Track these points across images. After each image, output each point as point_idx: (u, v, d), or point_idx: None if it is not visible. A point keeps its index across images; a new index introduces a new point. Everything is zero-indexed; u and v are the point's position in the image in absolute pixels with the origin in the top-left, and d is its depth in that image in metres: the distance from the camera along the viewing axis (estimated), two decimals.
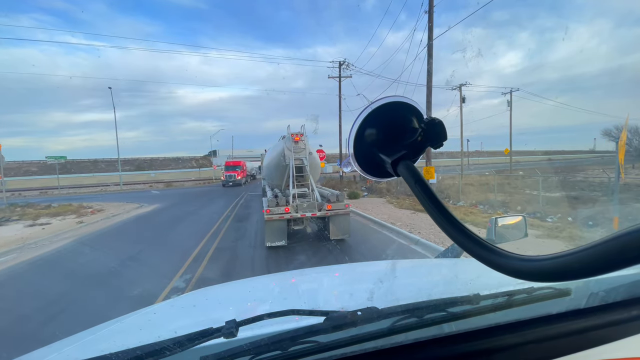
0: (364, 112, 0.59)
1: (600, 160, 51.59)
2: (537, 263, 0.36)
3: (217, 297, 1.58)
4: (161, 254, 7.48)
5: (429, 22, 12.10)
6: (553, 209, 10.19)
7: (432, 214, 0.50)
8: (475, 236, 0.44)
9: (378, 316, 0.83)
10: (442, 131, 0.57)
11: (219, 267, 6.12)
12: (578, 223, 8.48)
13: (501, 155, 40.77)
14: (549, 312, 0.88)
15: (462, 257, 1.90)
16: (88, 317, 4.13)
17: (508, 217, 1.90)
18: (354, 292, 1.53)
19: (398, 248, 7.13)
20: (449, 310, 0.88)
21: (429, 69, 12.05)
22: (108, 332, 1.16)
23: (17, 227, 11.43)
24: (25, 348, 1.11)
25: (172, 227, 11.00)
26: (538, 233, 7.50)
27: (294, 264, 6.13)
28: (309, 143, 8.60)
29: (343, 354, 0.76)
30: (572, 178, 19.49)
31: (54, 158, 31.47)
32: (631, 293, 0.92)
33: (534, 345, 0.80)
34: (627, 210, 7.61)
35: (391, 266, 1.89)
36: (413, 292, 1.37)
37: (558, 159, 67.33)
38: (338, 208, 7.38)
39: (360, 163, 0.63)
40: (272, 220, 7.02)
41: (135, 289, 5.10)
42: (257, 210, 12.81)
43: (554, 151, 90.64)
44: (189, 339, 0.76)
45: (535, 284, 0.96)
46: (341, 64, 24.76)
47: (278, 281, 1.88)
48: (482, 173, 28.57)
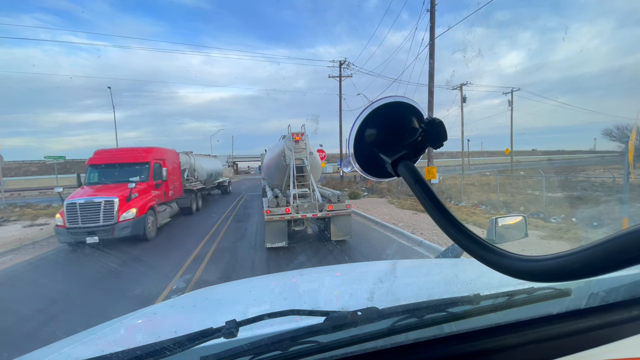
0: (364, 112, 0.59)
1: (601, 160, 51.54)
2: (537, 263, 0.36)
3: (217, 297, 1.58)
4: (164, 254, 7.37)
5: (430, 21, 12.05)
6: (556, 209, 10.16)
7: (433, 214, 0.50)
8: (476, 236, 0.44)
9: (378, 316, 0.83)
10: (443, 131, 0.57)
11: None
12: (583, 224, 8.45)
13: (501, 155, 40.74)
14: (550, 312, 0.88)
15: (462, 257, 1.90)
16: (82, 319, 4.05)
17: (508, 217, 1.89)
18: (354, 292, 1.53)
19: (400, 249, 7.10)
20: (449, 310, 0.88)
21: (430, 69, 12.03)
22: (108, 332, 1.16)
23: (15, 227, 11.44)
24: (26, 348, 1.11)
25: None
26: (543, 234, 7.47)
27: (294, 265, 6.13)
28: (310, 143, 8.59)
29: (343, 354, 0.76)
30: (573, 178, 19.45)
31: (53, 158, 31.26)
32: (632, 293, 0.92)
33: (534, 345, 0.80)
34: (632, 211, 7.57)
35: (391, 266, 1.89)
36: (413, 292, 1.37)
37: (558, 159, 67.31)
38: (339, 209, 7.34)
39: (361, 163, 0.63)
40: (272, 221, 6.98)
41: (137, 288, 5.12)
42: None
43: (554, 151, 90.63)
44: (189, 339, 0.77)
45: (535, 284, 0.95)
46: (341, 63, 24.74)
47: (278, 281, 1.88)
48: (482, 173, 28.51)
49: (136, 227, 8.10)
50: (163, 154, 10.63)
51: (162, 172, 9.86)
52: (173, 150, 12.13)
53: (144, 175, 9.34)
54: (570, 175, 22.21)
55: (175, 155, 12.12)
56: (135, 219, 8.07)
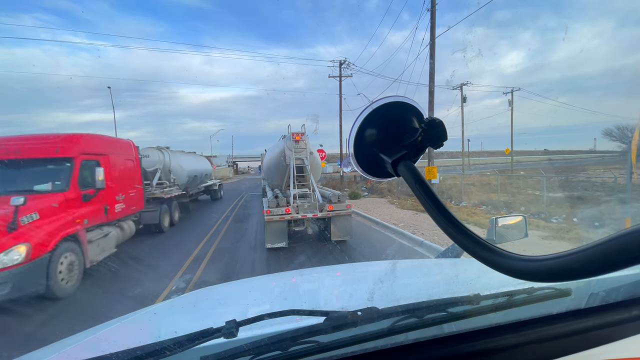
0: (364, 112, 0.59)
1: (601, 160, 51.51)
2: (537, 263, 0.36)
3: (217, 297, 1.58)
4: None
5: (431, 20, 12.04)
6: (557, 209, 10.16)
7: (433, 214, 0.50)
8: (476, 236, 0.44)
9: (378, 316, 0.83)
10: (443, 131, 0.57)
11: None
12: (584, 224, 8.44)
13: (501, 155, 40.75)
14: (550, 312, 0.88)
15: (462, 257, 1.90)
16: None
17: (508, 217, 1.90)
18: (354, 292, 1.53)
19: (401, 250, 7.10)
20: (449, 310, 0.88)
21: (430, 69, 12.01)
22: (108, 332, 1.16)
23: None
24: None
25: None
26: (544, 234, 7.47)
27: (294, 265, 6.13)
28: (310, 143, 8.58)
29: (343, 354, 0.76)
30: (574, 178, 19.45)
31: None
32: (632, 293, 0.92)
33: (534, 345, 0.80)
34: (634, 211, 7.56)
35: (391, 266, 1.89)
36: (413, 292, 1.37)
37: (558, 159, 67.29)
38: (340, 209, 7.33)
39: (361, 163, 0.63)
40: (272, 222, 6.96)
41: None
42: None
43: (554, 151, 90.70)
44: (189, 339, 0.77)
45: (535, 284, 0.95)
46: (341, 63, 24.74)
47: (278, 281, 1.88)
48: (483, 173, 28.48)
49: (28, 280, 4.36)
50: (102, 147, 6.77)
51: (96, 175, 5.93)
52: (127, 142, 8.22)
53: (60, 181, 5.52)
54: (571, 175, 22.21)
55: (129, 149, 8.11)
56: (26, 264, 4.34)
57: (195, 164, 14.35)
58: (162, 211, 9.39)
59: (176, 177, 11.72)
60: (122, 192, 7.26)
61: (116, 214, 6.92)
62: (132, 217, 7.88)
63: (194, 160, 14.70)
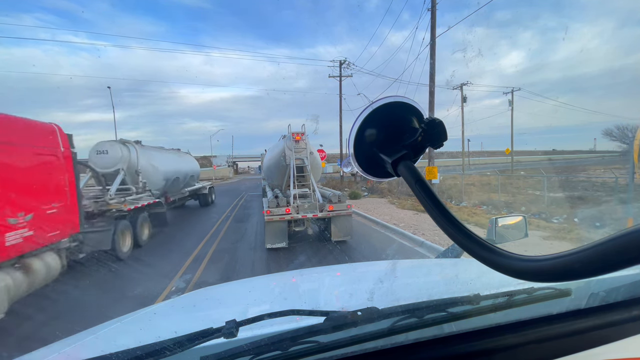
0: (364, 112, 0.59)
1: (601, 160, 51.50)
2: (537, 263, 0.36)
3: (217, 297, 1.58)
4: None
5: (431, 20, 12.04)
6: (558, 209, 10.16)
7: (433, 214, 0.50)
8: (476, 236, 0.44)
9: (378, 316, 0.83)
10: (443, 131, 0.57)
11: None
12: (585, 224, 8.42)
13: (501, 155, 40.74)
14: (550, 312, 0.88)
15: (462, 257, 1.90)
16: None
17: (508, 217, 1.90)
18: (354, 292, 1.53)
19: (401, 250, 7.10)
20: (449, 310, 0.88)
21: (431, 69, 12.00)
22: (108, 332, 1.16)
23: None
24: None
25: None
26: (545, 234, 7.46)
27: (294, 265, 6.12)
28: (310, 143, 8.58)
29: (343, 354, 0.76)
30: (574, 178, 19.45)
31: None
32: (632, 293, 0.91)
33: (534, 345, 0.80)
34: (635, 211, 7.57)
35: (391, 266, 1.89)
36: (413, 292, 1.37)
37: (558, 159, 67.27)
38: (340, 209, 7.33)
39: (361, 163, 0.63)
40: (272, 222, 6.95)
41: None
42: None
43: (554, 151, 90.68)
44: (189, 339, 0.77)
45: (535, 284, 0.95)
46: (342, 63, 24.74)
47: (278, 281, 1.88)
48: (483, 173, 28.47)
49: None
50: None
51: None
52: (44, 126, 5.14)
53: None
54: (571, 175, 22.20)
55: (48, 138, 5.11)
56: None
57: (177, 164, 11.71)
58: (119, 230, 6.79)
59: (148, 181, 9.11)
60: (26, 208, 4.33)
61: (8, 249, 3.96)
62: (59, 246, 5.05)
63: (176, 158, 12.03)
